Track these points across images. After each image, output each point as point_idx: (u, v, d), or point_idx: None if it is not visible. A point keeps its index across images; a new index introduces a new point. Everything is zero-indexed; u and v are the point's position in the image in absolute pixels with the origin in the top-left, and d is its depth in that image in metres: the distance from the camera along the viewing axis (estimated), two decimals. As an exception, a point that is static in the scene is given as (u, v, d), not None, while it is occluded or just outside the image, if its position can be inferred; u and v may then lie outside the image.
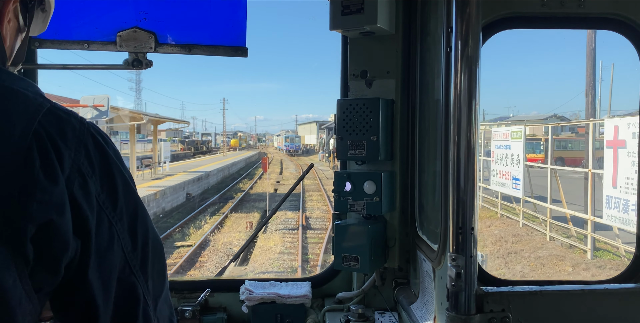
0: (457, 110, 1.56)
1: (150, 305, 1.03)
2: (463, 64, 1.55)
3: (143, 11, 2.31)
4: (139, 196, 1.07)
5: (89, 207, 0.93)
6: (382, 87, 2.46)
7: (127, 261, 0.99)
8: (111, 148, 1.02)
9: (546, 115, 73.17)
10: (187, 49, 2.41)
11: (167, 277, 1.13)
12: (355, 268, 2.33)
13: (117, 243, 0.98)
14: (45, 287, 0.91)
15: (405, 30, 2.42)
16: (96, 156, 0.97)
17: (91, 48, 2.36)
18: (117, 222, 0.98)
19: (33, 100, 0.94)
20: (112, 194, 0.98)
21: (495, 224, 19.12)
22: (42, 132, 0.89)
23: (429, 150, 2.30)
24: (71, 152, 0.92)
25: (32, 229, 0.85)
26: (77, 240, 0.91)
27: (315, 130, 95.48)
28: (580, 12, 2.19)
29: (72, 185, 0.91)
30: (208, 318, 2.52)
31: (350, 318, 2.35)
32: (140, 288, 1.01)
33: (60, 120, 0.94)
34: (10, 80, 0.96)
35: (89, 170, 0.94)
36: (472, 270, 1.55)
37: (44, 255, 0.87)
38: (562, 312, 1.70)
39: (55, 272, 0.90)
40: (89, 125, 0.99)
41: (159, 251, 1.09)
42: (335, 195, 2.41)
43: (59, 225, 0.88)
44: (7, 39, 1.08)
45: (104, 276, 0.95)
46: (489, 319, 1.61)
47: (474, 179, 1.56)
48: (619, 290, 1.78)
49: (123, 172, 1.02)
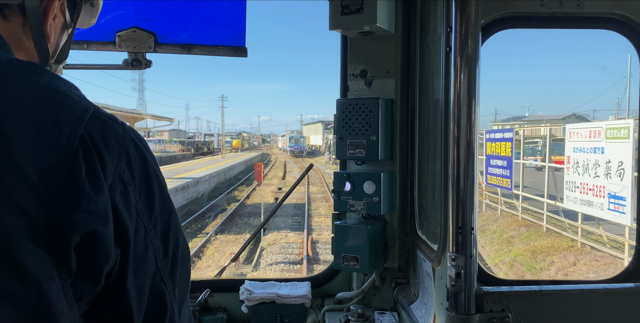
0: (456, 110, 1.56)
1: (176, 311, 1.02)
2: (463, 64, 1.55)
3: (142, 11, 2.30)
4: (172, 202, 1.05)
5: (129, 215, 0.91)
6: (381, 87, 2.46)
7: (158, 268, 0.98)
8: (149, 153, 1.00)
9: (564, 114, 70.91)
10: (187, 49, 2.41)
11: (190, 283, 1.12)
12: (354, 268, 2.33)
13: (151, 250, 0.96)
14: (86, 296, 0.89)
15: (404, 30, 2.42)
16: (136, 162, 0.95)
17: (90, 48, 2.36)
18: (151, 229, 0.96)
19: (78, 103, 0.91)
20: (149, 201, 0.96)
21: (585, 261, 12.87)
22: (87, 138, 0.87)
23: (428, 150, 2.30)
24: (113, 160, 0.90)
25: (76, 239, 0.83)
26: (117, 248, 0.90)
27: (321, 130, 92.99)
28: (579, 12, 2.19)
29: (114, 193, 0.89)
30: (208, 318, 2.52)
31: (350, 318, 2.35)
32: (168, 296, 0.99)
33: (104, 126, 0.91)
34: (56, 81, 0.94)
35: (129, 178, 0.92)
36: (471, 269, 1.55)
37: (86, 265, 0.86)
38: (562, 312, 1.70)
39: (97, 282, 0.89)
40: (130, 130, 0.97)
41: (187, 258, 1.08)
42: (334, 195, 2.41)
43: (102, 235, 0.86)
44: (51, 36, 1.07)
45: (139, 284, 0.94)
46: (488, 319, 1.61)
47: (473, 179, 1.56)
48: (619, 290, 1.78)
49: (160, 178, 1.01)
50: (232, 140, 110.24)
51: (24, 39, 1.03)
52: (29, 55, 1.05)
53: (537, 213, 17.61)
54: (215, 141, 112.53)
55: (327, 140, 75.08)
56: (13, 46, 1.00)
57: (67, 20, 1.12)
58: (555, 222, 16.62)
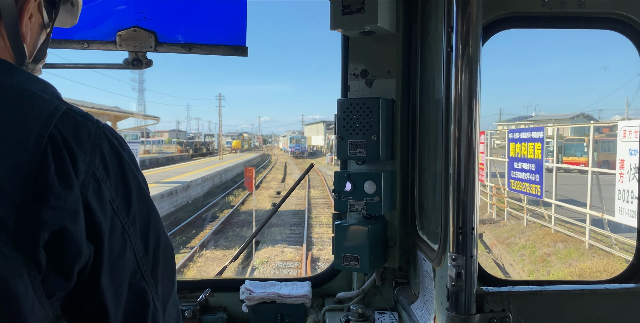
0: (457, 110, 1.56)
1: (159, 309, 1.02)
2: (464, 64, 1.55)
3: (143, 10, 2.30)
4: (151, 200, 1.05)
5: (103, 212, 0.92)
6: (382, 87, 2.46)
7: (139, 266, 0.98)
8: (126, 152, 1.01)
9: (572, 114, 69.26)
10: (187, 48, 2.41)
11: (176, 280, 1.12)
12: (355, 268, 2.33)
13: (130, 248, 0.97)
14: (58, 292, 0.90)
15: (405, 30, 2.42)
16: (111, 160, 0.95)
17: (91, 47, 2.36)
18: (129, 226, 0.97)
19: (49, 102, 0.92)
20: (126, 199, 0.97)
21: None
22: (57, 136, 0.87)
23: (429, 150, 2.29)
24: (86, 157, 0.91)
25: (45, 236, 0.84)
26: (90, 245, 0.90)
27: (323, 130, 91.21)
28: (580, 12, 2.18)
29: (87, 190, 0.89)
30: (208, 317, 2.52)
31: (351, 318, 2.35)
32: (150, 293, 1.00)
33: (76, 124, 0.92)
34: (27, 81, 0.95)
35: (103, 175, 0.93)
36: (472, 270, 1.55)
37: (57, 262, 0.86)
38: (563, 312, 1.70)
39: (68, 278, 0.89)
40: (105, 128, 0.97)
41: (170, 255, 1.08)
42: (335, 194, 2.41)
43: (72, 232, 0.86)
44: (27, 36, 1.07)
45: (116, 281, 0.94)
46: (489, 319, 1.61)
47: (474, 179, 1.56)
48: (619, 290, 1.78)
49: (137, 176, 1.01)
50: (233, 140, 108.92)
51: (0, 39, 1.03)
52: (6, 55, 1.04)
53: (571, 224, 15.39)
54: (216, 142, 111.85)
55: (329, 140, 73.09)
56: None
57: (45, 20, 1.12)
58: (597, 236, 14.24)
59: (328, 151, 67.38)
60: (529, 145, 15.61)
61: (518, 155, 16.33)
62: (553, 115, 70.99)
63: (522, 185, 16.05)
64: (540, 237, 15.67)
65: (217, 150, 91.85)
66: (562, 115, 69.30)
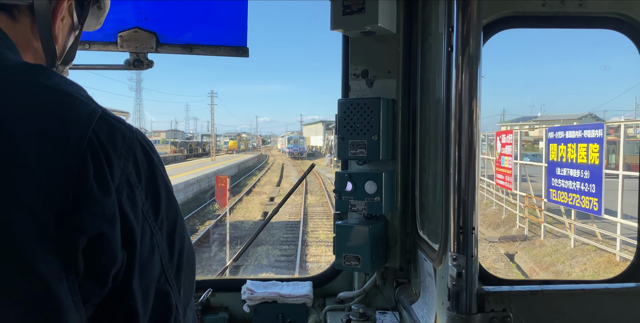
0: (458, 110, 1.56)
1: (181, 313, 1.02)
2: (464, 64, 1.55)
3: (144, 11, 2.31)
4: (178, 204, 1.05)
5: (136, 217, 0.91)
6: (383, 87, 2.46)
7: (164, 270, 0.98)
8: (156, 156, 1.00)
9: (580, 114, 67.21)
10: (188, 49, 2.41)
11: (195, 284, 1.13)
12: (356, 267, 2.33)
13: (157, 252, 0.97)
14: (93, 298, 0.89)
15: (406, 30, 2.42)
16: (143, 165, 0.95)
17: (92, 48, 2.37)
18: (157, 231, 0.97)
19: (87, 105, 0.91)
20: (156, 204, 0.97)
21: None
22: (95, 140, 0.87)
23: (429, 150, 2.30)
24: (121, 162, 0.90)
25: (83, 241, 0.83)
26: (124, 251, 0.90)
27: (322, 131, 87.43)
28: (581, 12, 2.19)
29: (121, 195, 0.89)
30: (210, 317, 2.52)
31: (352, 317, 2.36)
32: (173, 297, 1.00)
33: (111, 128, 0.91)
34: (65, 83, 0.93)
35: (136, 180, 0.93)
36: (473, 269, 1.55)
37: (94, 267, 0.86)
38: (563, 312, 1.70)
39: (104, 284, 0.89)
40: (137, 132, 0.97)
41: (192, 260, 1.08)
42: (336, 195, 2.42)
43: (109, 238, 0.86)
44: (59, 38, 1.07)
45: (145, 286, 0.94)
46: (490, 319, 1.61)
47: (475, 179, 1.56)
48: (620, 290, 1.78)
49: (166, 181, 1.01)
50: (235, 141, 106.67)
51: (32, 40, 1.03)
52: (37, 57, 1.05)
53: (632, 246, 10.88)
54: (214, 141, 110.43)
55: (328, 141, 69.93)
56: (21, 47, 1.00)
57: (75, 21, 1.12)
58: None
59: (327, 152, 65.16)
60: (580, 146, 12.43)
61: (562, 160, 13.23)
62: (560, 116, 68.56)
63: (569, 196, 12.95)
64: (602, 265, 12.31)
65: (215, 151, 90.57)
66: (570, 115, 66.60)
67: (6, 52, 0.94)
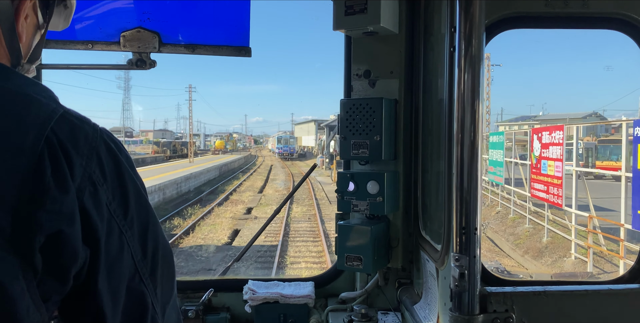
0: (460, 110, 1.56)
1: (159, 312, 1.02)
2: (466, 64, 1.55)
3: (147, 11, 2.31)
4: (149, 203, 1.05)
5: (99, 216, 0.92)
6: (385, 87, 2.46)
7: (137, 269, 0.98)
8: (123, 155, 1.01)
9: (584, 113, 64.93)
10: (191, 49, 2.42)
11: (176, 283, 1.12)
12: (358, 268, 2.33)
13: (127, 251, 0.97)
14: (54, 296, 0.90)
15: (408, 30, 2.42)
16: (108, 163, 0.95)
17: (95, 48, 2.37)
18: (127, 230, 0.97)
19: (46, 106, 0.92)
20: (124, 202, 0.97)
21: None
22: (53, 139, 0.87)
23: (432, 150, 2.29)
24: (82, 160, 0.91)
25: (41, 239, 0.84)
26: (87, 249, 0.90)
27: (314, 130, 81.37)
28: (584, 12, 2.18)
29: (83, 194, 0.89)
30: (211, 318, 2.52)
31: (354, 318, 2.35)
32: (149, 297, 1.00)
33: (72, 127, 0.92)
34: (25, 84, 0.95)
35: (100, 179, 0.93)
36: (475, 270, 1.55)
37: (53, 265, 0.86)
38: (566, 312, 1.69)
39: (64, 282, 0.89)
40: (102, 131, 0.98)
41: (169, 259, 1.08)
42: (338, 195, 2.41)
43: (68, 235, 0.86)
44: (23, 36, 1.07)
45: (113, 285, 0.94)
46: (492, 319, 1.61)
47: (477, 179, 1.56)
48: (623, 291, 1.77)
49: (135, 179, 1.01)
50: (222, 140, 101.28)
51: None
52: (1, 55, 1.04)
53: None
54: (202, 142, 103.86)
55: (320, 141, 62.62)
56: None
57: (40, 20, 1.12)
58: None
59: (319, 152, 60.21)
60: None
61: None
62: (563, 115, 66.24)
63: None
64: None
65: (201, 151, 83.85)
66: (573, 114, 63.72)
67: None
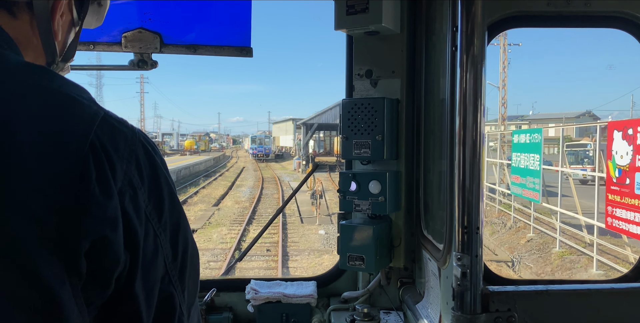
0: (462, 110, 1.56)
1: (185, 314, 1.02)
2: (468, 63, 1.55)
3: (148, 12, 2.31)
4: (181, 206, 1.05)
5: (139, 219, 0.91)
6: (387, 87, 2.46)
7: (167, 271, 0.98)
8: (159, 157, 1.00)
9: (577, 112, 62.76)
10: (192, 49, 2.42)
11: (199, 284, 1.13)
12: (360, 267, 2.33)
13: (161, 254, 0.97)
14: (96, 300, 0.89)
15: (410, 30, 2.42)
16: (146, 167, 0.95)
17: (96, 49, 2.37)
18: (161, 232, 0.97)
19: (88, 108, 0.90)
20: (159, 205, 0.96)
21: None
22: (97, 143, 0.86)
23: (434, 150, 2.29)
24: (123, 164, 0.90)
25: (86, 244, 0.83)
26: (127, 253, 0.90)
27: (292, 129, 72.62)
28: (586, 11, 2.18)
29: (124, 198, 0.89)
30: (214, 317, 2.52)
31: (356, 317, 2.35)
32: (177, 298, 1.00)
33: (113, 130, 0.91)
34: (66, 85, 0.93)
35: (138, 182, 0.92)
36: (477, 269, 1.55)
37: (97, 270, 0.86)
38: (569, 312, 1.69)
39: (107, 286, 0.89)
40: (140, 134, 0.97)
41: (196, 261, 1.08)
42: (340, 194, 2.42)
43: (112, 241, 0.86)
44: (58, 34, 1.06)
45: (148, 287, 0.94)
46: (494, 318, 1.61)
47: (479, 179, 1.56)
48: (626, 290, 1.77)
49: (169, 182, 1.01)
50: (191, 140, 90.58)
51: (32, 37, 1.03)
52: (37, 54, 1.04)
53: None
54: (175, 141, 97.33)
55: (298, 141, 55.90)
56: (21, 45, 1.00)
57: (75, 18, 1.12)
58: None
59: (296, 153, 54.63)
60: None
61: None
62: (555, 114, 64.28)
63: None
64: None
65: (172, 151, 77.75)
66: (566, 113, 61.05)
67: (8, 53, 0.94)
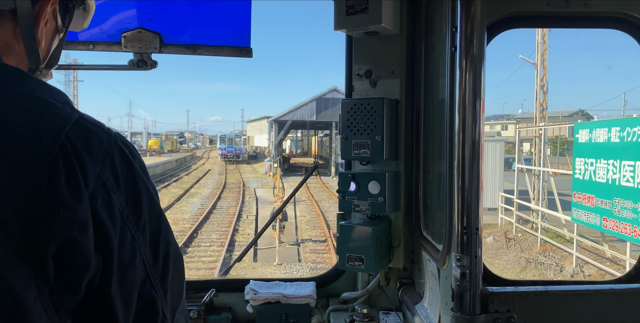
0: (461, 110, 1.56)
1: (169, 317, 1.01)
2: (468, 64, 1.55)
3: (148, 12, 2.31)
4: (162, 209, 1.05)
5: (112, 223, 0.90)
6: (386, 87, 2.46)
7: (148, 275, 0.97)
8: (137, 160, 1.00)
9: (570, 111, 61.15)
10: (192, 50, 2.42)
11: (185, 286, 1.11)
12: (359, 268, 2.33)
13: (139, 257, 0.96)
14: (66, 304, 0.88)
15: (409, 30, 2.42)
16: (122, 169, 0.94)
17: (96, 49, 2.37)
18: (139, 236, 0.96)
19: (61, 111, 0.90)
20: (137, 208, 0.96)
21: None
22: (68, 145, 0.86)
23: (433, 150, 2.29)
24: (96, 167, 0.89)
25: (53, 247, 0.82)
26: (99, 256, 0.89)
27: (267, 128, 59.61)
28: (585, 11, 2.18)
29: (96, 201, 0.88)
30: (213, 318, 2.52)
31: (355, 318, 2.35)
32: (159, 302, 0.99)
33: (87, 133, 0.91)
34: (40, 89, 0.93)
35: (113, 185, 0.92)
36: (476, 270, 1.55)
37: (65, 273, 0.85)
38: (568, 312, 1.69)
39: (76, 290, 0.88)
40: (116, 136, 0.96)
41: (179, 264, 1.07)
42: (339, 195, 2.41)
43: (81, 244, 0.85)
44: (42, 42, 1.06)
45: (125, 291, 0.93)
46: (494, 319, 1.61)
47: (478, 179, 1.56)
48: (625, 290, 1.77)
49: (148, 185, 1.00)
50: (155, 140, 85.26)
51: (14, 44, 1.02)
52: (19, 60, 1.04)
53: None
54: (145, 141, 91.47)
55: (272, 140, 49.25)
56: (3, 51, 0.99)
57: (59, 25, 1.11)
58: None
59: (268, 155, 49.91)
60: None
61: None
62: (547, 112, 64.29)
63: None
64: None
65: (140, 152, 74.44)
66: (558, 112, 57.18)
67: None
